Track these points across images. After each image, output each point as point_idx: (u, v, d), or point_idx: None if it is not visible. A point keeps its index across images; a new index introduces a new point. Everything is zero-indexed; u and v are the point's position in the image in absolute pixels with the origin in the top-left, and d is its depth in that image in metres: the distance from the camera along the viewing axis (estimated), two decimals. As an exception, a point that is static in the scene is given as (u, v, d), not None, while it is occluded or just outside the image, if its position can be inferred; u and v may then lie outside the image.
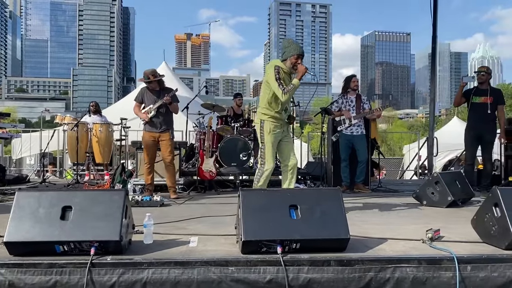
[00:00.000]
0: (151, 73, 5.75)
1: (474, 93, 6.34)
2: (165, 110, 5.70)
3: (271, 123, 4.20)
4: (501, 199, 2.83)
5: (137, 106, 5.78)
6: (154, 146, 5.72)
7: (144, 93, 5.77)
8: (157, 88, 5.74)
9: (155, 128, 5.65)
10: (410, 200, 5.34)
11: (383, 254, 2.74)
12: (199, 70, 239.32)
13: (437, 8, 9.37)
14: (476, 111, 6.31)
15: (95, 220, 2.63)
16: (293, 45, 4.21)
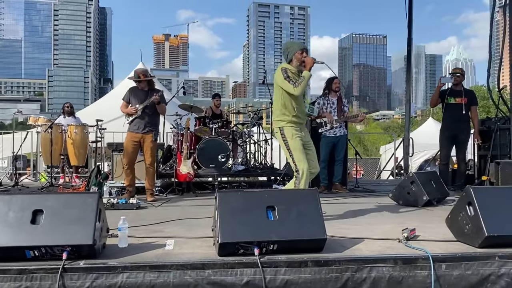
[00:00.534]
0: (142, 72, 5.68)
1: (449, 94, 6.44)
2: (151, 111, 5.60)
3: (291, 127, 4.01)
4: (475, 198, 2.88)
5: (124, 105, 5.67)
6: (136, 147, 5.60)
7: (131, 93, 5.67)
8: (145, 88, 5.67)
9: (139, 129, 5.55)
10: (387, 200, 5.40)
11: (360, 254, 2.75)
12: (178, 71, 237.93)
13: (412, 11, 9.49)
14: (451, 112, 6.41)
15: (67, 224, 2.56)
16: (294, 44, 4.15)
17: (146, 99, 5.54)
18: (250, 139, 7.81)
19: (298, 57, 4.03)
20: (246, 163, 7.49)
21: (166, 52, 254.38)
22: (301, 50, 4.04)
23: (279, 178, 7.40)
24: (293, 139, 4.03)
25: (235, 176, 7.39)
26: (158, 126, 5.82)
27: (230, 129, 7.60)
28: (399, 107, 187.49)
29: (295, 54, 4.05)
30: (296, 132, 4.04)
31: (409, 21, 9.59)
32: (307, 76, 3.96)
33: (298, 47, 4.09)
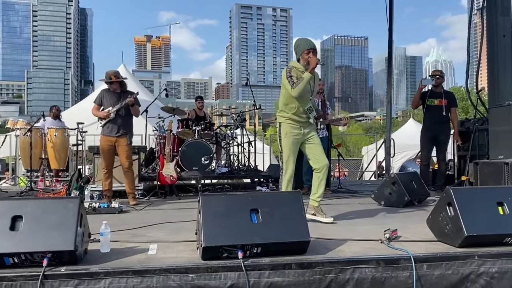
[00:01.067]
0: (113, 73, 5.60)
1: (429, 95, 6.54)
2: (124, 113, 5.53)
3: (288, 125, 4.07)
4: (454, 198, 2.93)
5: (96, 108, 5.59)
6: (111, 150, 5.54)
7: (103, 95, 5.59)
8: (118, 90, 5.59)
9: (113, 132, 5.48)
10: (369, 201, 5.45)
11: (343, 255, 2.77)
12: (160, 73, 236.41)
13: (392, 14, 9.64)
14: (431, 113, 6.50)
15: (48, 230, 2.52)
16: (303, 42, 4.10)
17: (118, 101, 5.47)
18: (234, 141, 7.80)
19: (304, 57, 4.03)
20: (230, 165, 7.48)
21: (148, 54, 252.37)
22: (307, 50, 4.01)
23: (262, 179, 7.43)
24: (286, 137, 4.10)
25: (219, 179, 7.37)
26: (132, 129, 5.74)
27: (214, 131, 7.58)
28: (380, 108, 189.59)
29: (302, 53, 4.05)
30: (292, 131, 4.08)
31: (390, 24, 9.73)
32: (306, 77, 3.94)
33: (305, 46, 4.05)
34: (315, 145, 4.12)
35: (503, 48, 6.36)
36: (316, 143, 4.13)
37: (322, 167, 4.08)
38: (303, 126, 4.10)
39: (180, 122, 7.41)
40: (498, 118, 5.53)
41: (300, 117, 4.08)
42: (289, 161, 4.08)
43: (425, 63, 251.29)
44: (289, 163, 4.08)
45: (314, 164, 4.14)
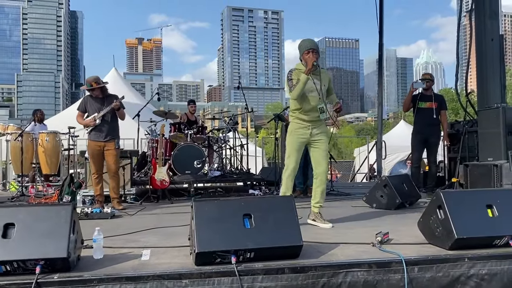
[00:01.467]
0: (94, 80, 5.57)
1: (420, 98, 6.58)
2: (110, 118, 5.52)
3: (295, 123, 4.09)
4: (444, 201, 2.97)
5: (80, 115, 5.59)
6: (100, 155, 5.52)
7: (86, 102, 5.58)
8: (100, 95, 5.57)
9: (100, 137, 5.46)
10: (361, 203, 5.49)
11: (335, 259, 2.80)
12: (151, 75, 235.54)
13: (383, 17, 9.72)
14: (422, 116, 6.56)
15: (40, 237, 2.51)
16: (303, 43, 4.08)
17: (102, 107, 5.47)
18: (226, 144, 7.82)
19: (304, 57, 4.04)
20: (222, 169, 7.49)
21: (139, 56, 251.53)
22: (307, 51, 4.01)
23: (255, 183, 7.44)
24: (291, 135, 4.15)
25: (211, 182, 7.37)
26: (118, 133, 5.71)
27: (206, 134, 7.58)
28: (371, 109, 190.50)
29: (303, 54, 4.06)
30: (297, 130, 4.10)
31: (380, 27, 9.81)
32: (302, 79, 3.93)
33: (305, 47, 4.04)
34: (317, 150, 4.12)
35: (491, 51, 6.45)
36: (320, 148, 4.11)
37: (319, 173, 4.12)
38: (312, 126, 4.08)
39: (172, 126, 7.41)
40: (487, 121, 5.61)
41: (307, 117, 4.06)
42: (290, 158, 4.10)
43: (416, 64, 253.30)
44: (290, 160, 4.09)
45: (314, 168, 4.19)
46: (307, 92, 4.01)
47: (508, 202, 3.06)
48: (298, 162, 4.15)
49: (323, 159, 4.11)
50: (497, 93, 6.22)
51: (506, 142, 5.20)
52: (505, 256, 2.86)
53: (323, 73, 4.15)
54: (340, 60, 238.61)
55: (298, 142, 4.10)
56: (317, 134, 4.09)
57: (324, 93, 4.11)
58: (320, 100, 4.03)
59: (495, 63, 6.45)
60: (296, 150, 4.10)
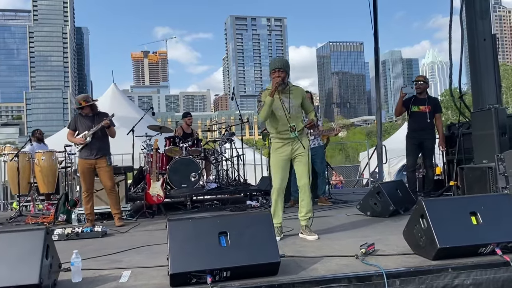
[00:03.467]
0: (83, 98, 5.62)
1: (413, 102, 6.47)
2: (100, 135, 5.54)
3: (276, 142, 4.11)
4: (426, 210, 2.91)
5: (71, 133, 5.62)
6: (91, 173, 5.54)
7: (77, 120, 5.62)
8: (90, 113, 5.60)
9: (91, 155, 5.47)
10: (356, 211, 5.41)
11: (315, 274, 2.74)
12: (158, 88, 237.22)
13: (377, 21, 9.66)
14: (415, 120, 6.46)
15: (12, 263, 2.50)
16: (271, 62, 4.08)
17: (92, 124, 5.49)
18: (222, 156, 7.79)
19: (271, 77, 4.06)
20: (219, 181, 7.45)
21: (145, 69, 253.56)
22: (273, 71, 4.01)
23: (253, 193, 7.39)
24: (272, 154, 4.19)
25: (208, 195, 7.33)
26: (109, 149, 5.73)
27: (201, 147, 7.56)
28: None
29: (270, 74, 4.06)
30: (278, 149, 4.10)
31: (375, 31, 9.75)
32: (267, 101, 3.94)
33: (271, 67, 4.04)
34: (299, 164, 4.10)
35: (484, 51, 6.34)
36: (301, 161, 4.09)
37: (301, 186, 4.11)
38: (290, 143, 4.07)
39: (167, 140, 7.40)
40: (481, 122, 5.50)
41: (284, 135, 4.06)
42: (275, 177, 4.11)
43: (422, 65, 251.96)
44: (275, 179, 4.10)
45: (297, 181, 4.16)
46: (277, 112, 4.00)
47: (492, 208, 2.98)
48: (285, 180, 4.13)
49: (304, 172, 4.08)
50: (491, 94, 6.10)
51: (500, 144, 5.10)
52: (491, 264, 2.78)
53: (295, 90, 4.11)
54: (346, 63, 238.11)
55: (281, 160, 4.09)
56: (297, 149, 4.08)
57: (294, 111, 4.05)
58: (290, 119, 3.99)
59: (489, 64, 6.34)
60: (281, 168, 4.08)
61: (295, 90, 4.11)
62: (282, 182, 4.08)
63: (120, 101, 12.00)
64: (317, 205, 6.57)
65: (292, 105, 4.03)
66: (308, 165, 4.07)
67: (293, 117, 4.02)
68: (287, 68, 4.02)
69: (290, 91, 4.04)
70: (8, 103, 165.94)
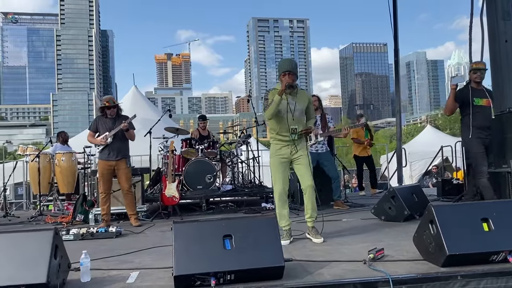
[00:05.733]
0: (109, 99, 5.75)
1: (474, 94, 5.25)
2: (121, 137, 5.64)
3: (275, 145, 4.11)
4: (436, 216, 2.85)
5: (91, 134, 5.74)
6: (110, 175, 5.65)
7: (98, 122, 5.73)
8: (113, 115, 5.71)
9: (111, 156, 5.59)
10: (370, 215, 5.34)
11: (320, 279, 2.72)
12: (181, 90, 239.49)
13: (397, 23, 9.53)
14: (482, 116, 5.25)
15: (22, 263, 2.56)
16: (280, 64, 4.12)
17: (114, 126, 5.60)
18: (237, 158, 7.80)
19: (280, 79, 4.09)
20: (234, 183, 7.47)
21: (169, 71, 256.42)
22: (283, 73, 4.05)
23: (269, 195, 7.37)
24: (272, 157, 4.15)
25: (222, 197, 7.36)
26: (128, 152, 5.84)
27: (217, 149, 7.59)
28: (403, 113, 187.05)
29: (280, 76, 4.10)
30: (276, 151, 4.11)
31: (395, 32, 9.62)
32: (275, 100, 3.96)
33: (282, 69, 4.07)
34: (301, 166, 4.10)
35: (506, 53, 6.20)
36: (302, 163, 4.08)
37: (305, 188, 4.08)
38: (290, 145, 4.07)
39: (183, 142, 7.46)
40: (502, 126, 5.36)
41: (284, 137, 4.07)
42: (276, 180, 4.08)
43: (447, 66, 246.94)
44: (276, 183, 4.08)
45: (301, 184, 4.16)
46: (281, 113, 4.01)
47: (505, 215, 2.90)
48: (286, 182, 4.12)
49: (306, 174, 4.07)
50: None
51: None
52: (502, 273, 2.71)
53: (302, 94, 4.13)
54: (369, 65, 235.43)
55: (280, 163, 4.08)
56: (296, 152, 4.08)
57: (298, 115, 4.08)
58: (293, 121, 4.02)
59: (511, 66, 6.19)
60: (280, 171, 4.07)
61: (302, 94, 4.14)
62: (284, 185, 4.08)
63: (141, 103, 12.19)
64: (333, 209, 6.53)
65: (297, 108, 4.06)
66: (309, 166, 4.07)
67: (296, 120, 4.06)
68: (296, 71, 4.07)
69: (297, 94, 4.06)
70: (35, 104, 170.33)
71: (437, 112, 69.38)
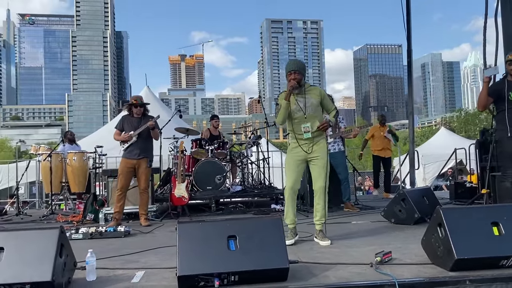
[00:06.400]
0: (136, 98, 5.87)
1: (509, 88, 4.75)
2: (145, 136, 5.71)
3: (292, 143, 4.12)
4: (444, 219, 2.79)
5: (117, 133, 5.81)
6: (130, 173, 5.70)
7: (124, 121, 5.81)
8: (140, 114, 5.76)
9: (134, 154, 5.65)
10: (380, 218, 5.28)
11: (325, 282, 2.68)
12: (194, 91, 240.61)
13: (410, 23, 9.43)
14: None
15: (27, 261, 2.57)
16: (286, 65, 4.10)
17: (139, 126, 5.64)
18: (247, 159, 7.79)
19: (287, 78, 4.05)
20: (244, 184, 7.46)
21: (182, 72, 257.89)
22: (288, 73, 4.01)
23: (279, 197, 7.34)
24: (288, 155, 4.18)
25: (232, 197, 7.35)
26: (152, 152, 5.90)
27: (227, 149, 7.59)
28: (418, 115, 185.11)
29: (286, 77, 4.07)
30: (292, 149, 4.10)
31: (408, 32, 9.52)
32: (282, 105, 3.97)
33: (286, 69, 4.04)
34: (315, 167, 4.05)
35: (521, 53, 6.06)
36: (317, 164, 4.03)
37: (316, 190, 4.06)
38: (306, 145, 4.02)
39: (193, 142, 7.48)
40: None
41: (299, 136, 4.04)
42: (288, 177, 4.08)
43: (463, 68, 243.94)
44: (288, 180, 4.08)
45: (313, 185, 4.12)
46: (294, 114, 4.00)
47: (516, 219, 2.83)
48: (297, 181, 4.09)
49: (319, 175, 4.01)
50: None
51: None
52: (513, 278, 2.64)
53: (313, 89, 4.07)
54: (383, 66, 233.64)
55: (295, 160, 4.06)
56: (314, 151, 4.02)
57: (312, 111, 4.01)
58: (305, 120, 3.98)
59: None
60: (293, 169, 4.04)
61: (313, 89, 4.07)
62: (294, 183, 4.05)
63: (153, 104, 12.22)
64: (343, 211, 6.48)
65: (309, 104, 4.00)
66: (325, 168, 3.99)
67: (310, 117, 3.99)
68: (302, 70, 4.00)
69: (306, 91, 4.01)
70: (51, 104, 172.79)
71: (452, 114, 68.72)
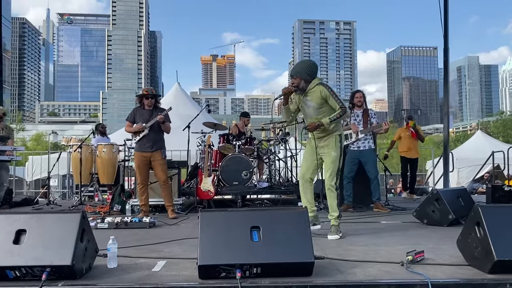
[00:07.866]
0: (147, 89, 5.85)
1: None
2: (157, 129, 5.67)
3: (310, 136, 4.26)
4: (483, 218, 2.61)
5: (129, 125, 5.81)
6: (146, 166, 5.69)
7: (136, 112, 5.80)
8: (151, 106, 5.74)
9: (147, 147, 5.63)
10: (412, 219, 5.07)
11: (352, 279, 2.54)
12: (225, 91, 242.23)
13: (447, 19, 9.12)
14: None
15: (48, 244, 2.54)
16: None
17: (150, 118, 5.63)
18: (275, 155, 7.67)
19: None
20: (271, 180, 7.35)
21: (213, 72, 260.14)
22: (290, 76, 4.19)
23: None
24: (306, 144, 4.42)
25: (258, 194, 7.26)
26: (164, 144, 5.87)
27: (255, 145, 7.50)
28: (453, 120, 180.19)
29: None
30: (308, 142, 4.33)
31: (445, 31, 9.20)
32: (282, 110, 4.32)
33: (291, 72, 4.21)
34: (324, 164, 4.20)
35: None
36: (325, 161, 4.15)
37: (326, 186, 4.09)
38: (315, 138, 4.16)
39: (221, 137, 7.42)
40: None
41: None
42: (301, 165, 4.24)
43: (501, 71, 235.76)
44: (301, 168, 4.25)
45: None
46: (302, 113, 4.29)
47: None
48: (308, 170, 4.18)
49: (326, 173, 4.15)
50: None
51: None
52: (559, 283, 2.43)
53: (313, 92, 4.09)
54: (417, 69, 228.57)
55: (308, 150, 4.24)
56: (322, 147, 4.14)
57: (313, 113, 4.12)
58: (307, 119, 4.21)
59: None
60: (305, 158, 4.21)
61: (313, 92, 4.10)
62: (305, 172, 4.16)
63: (183, 100, 12.37)
64: (372, 211, 6.28)
65: (309, 105, 4.13)
66: (331, 165, 4.06)
67: (310, 119, 4.14)
68: (300, 74, 4.08)
69: (308, 94, 4.11)
70: (86, 101, 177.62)
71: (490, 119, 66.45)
